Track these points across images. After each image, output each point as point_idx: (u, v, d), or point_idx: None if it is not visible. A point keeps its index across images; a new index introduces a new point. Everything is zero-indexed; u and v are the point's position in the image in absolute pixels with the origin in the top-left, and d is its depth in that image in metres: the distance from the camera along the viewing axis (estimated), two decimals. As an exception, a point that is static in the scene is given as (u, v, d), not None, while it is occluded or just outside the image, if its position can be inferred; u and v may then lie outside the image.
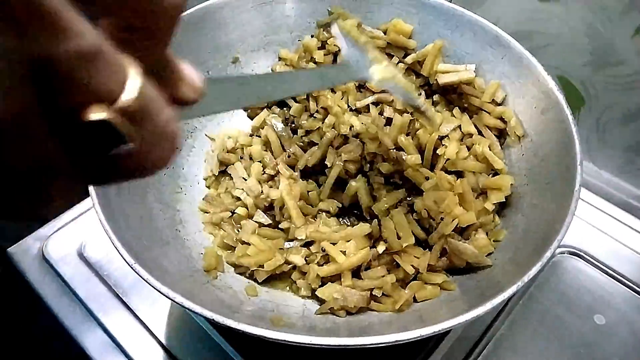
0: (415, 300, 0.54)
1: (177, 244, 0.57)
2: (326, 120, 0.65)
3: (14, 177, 0.18)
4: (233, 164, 0.67)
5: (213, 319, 0.42)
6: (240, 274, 0.58)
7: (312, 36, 0.73)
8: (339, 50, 0.70)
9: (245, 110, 0.73)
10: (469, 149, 0.62)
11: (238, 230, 0.60)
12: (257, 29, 0.72)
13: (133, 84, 0.18)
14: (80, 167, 0.19)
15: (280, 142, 0.67)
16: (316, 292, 0.53)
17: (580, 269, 0.68)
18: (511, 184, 0.58)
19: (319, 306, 0.55)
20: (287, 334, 0.40)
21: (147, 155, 0.20)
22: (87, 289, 0.65)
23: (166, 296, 0.43)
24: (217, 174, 0.66)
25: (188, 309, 0.42)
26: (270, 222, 0.61)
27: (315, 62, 0.71)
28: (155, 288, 0.43)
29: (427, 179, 0.59)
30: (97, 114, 0.17)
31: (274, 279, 0.57)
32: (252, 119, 0.72)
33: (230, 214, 0.62)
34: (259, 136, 0.69)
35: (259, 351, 0.58)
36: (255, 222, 0.61)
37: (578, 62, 0.69)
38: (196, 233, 0.61)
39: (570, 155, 0.52)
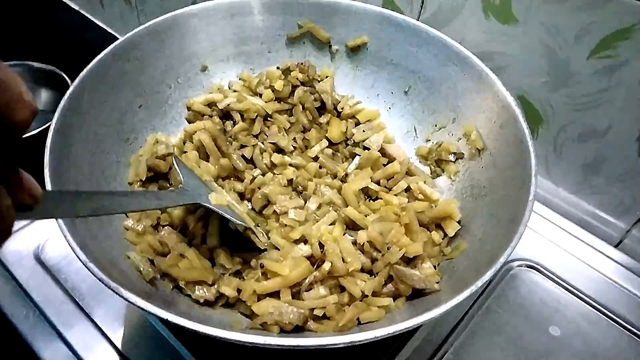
0: (359, 322, 0.51)
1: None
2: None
3: None
4: (165, 172, 0.64)
5: (167, 319, 0.41)
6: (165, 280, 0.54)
7: (277, 67, 0.74)
8: (299, 84, 0.72)
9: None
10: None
11: (160, 242, 0.57)
12: (227, 40, 0.73)
13: None
14: None
15: (217, 146, 0.65)
16: (252, 307, 0.51)
17: (536, 282, 0.70)
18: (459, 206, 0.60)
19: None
20: (238, 333, 0.40)
21: None
22: (43, 292, 0.63)
23: (120, 295, 0.42)
24: (144, 180, 0.63)
25: (143, 309, 0.42)
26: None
27: (273, 90, 0.71)
28: (109, 287, 0.43)
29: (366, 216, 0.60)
30: None
31: None
32: (190, 123, 0.71)
33: (154, 224, 0.59)
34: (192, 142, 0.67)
35: (216, 356, 0.58)
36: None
37: (536, 83, 0.71)
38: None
39: (526, 167, 0.54)
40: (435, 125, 0.70)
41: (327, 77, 0.74)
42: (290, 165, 0.67)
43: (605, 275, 0.71)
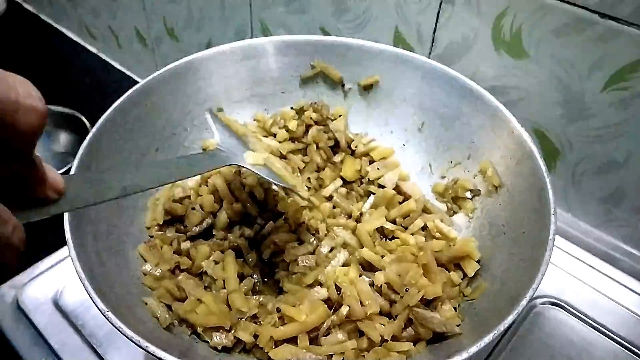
0: None
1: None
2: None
3: None
4: (182, 215, 0.64)
5: (186, 370, 0.41)
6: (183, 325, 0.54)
7: (291, 108, 0.75)
8: (313, 123, 0.73)
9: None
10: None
11: (178, 287, 0.56)
12: (241, 82, 0.74)
13: None
14: None
15: (231, 191, 0.65)
16: (269, 353, 0.50)
17: (561, 320, 0.68)
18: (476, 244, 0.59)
19: None
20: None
21: None
22: (61, 339, 0.63)
23: (138, 345, 0.42)
24: (161, 223, 0.63)
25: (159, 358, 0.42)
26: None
27: (287, 130, 0.72)
28: (127, 337, 0.42)
29: (382, 257, 0.59)
30: None
31: None
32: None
33: (173, 269, 0.59)
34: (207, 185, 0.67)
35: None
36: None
37: (551, 116, 0.71)
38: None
39: (544, 203, 0.53)
40: (451, 162, 0.70)
41: (340, 115, 0.75)
42: (303, 206, 0.66)
43: (633, 312, 0.68)
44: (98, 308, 0.44)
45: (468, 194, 0.66)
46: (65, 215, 0.50)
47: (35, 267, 0.71)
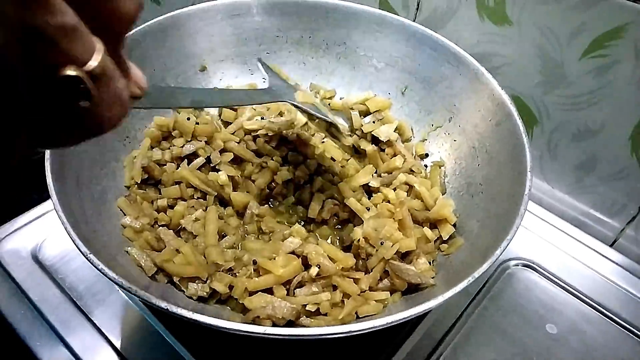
0: (357, 317, 0.52)
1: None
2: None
3: None
4: (159, 180, 0.64)
5: (167, 309, 0.41)
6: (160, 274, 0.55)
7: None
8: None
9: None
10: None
11: (157, 238, 0.57)
12: (226, 40, 0.74)
13: (98, 54, 0.24)
14: (48, 120, 0.24)
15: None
16: (243, 302, 0.51)
17: (533, 281, 0.70)
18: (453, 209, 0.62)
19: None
20: (240, 324, 0.40)
21: (102, 113, 0.25)
22: (41, 292, 0.63)
23: (121, 287, 0.43)
24: (139, 182, 0.62)
25: (146, 301, 0.42)
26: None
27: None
28: (110, 279, 0.43)
29: (368, 209, 0.61)
30: (70, 71, 0.23)
31: None
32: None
33: (153, 223, 0.60)
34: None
35: (216, 356, 0.58)
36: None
37: (530, 83, 0.73)
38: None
39: (521, 162, 0.55)
40: (432, 125, 0.71)
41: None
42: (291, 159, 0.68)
43: (601, 274, 0.71)
44: (80, 251, 0.44)
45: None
46: (47, 159, 0.50)
47: (14, 222, 0.70)
